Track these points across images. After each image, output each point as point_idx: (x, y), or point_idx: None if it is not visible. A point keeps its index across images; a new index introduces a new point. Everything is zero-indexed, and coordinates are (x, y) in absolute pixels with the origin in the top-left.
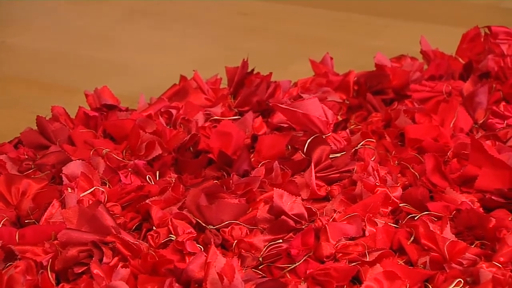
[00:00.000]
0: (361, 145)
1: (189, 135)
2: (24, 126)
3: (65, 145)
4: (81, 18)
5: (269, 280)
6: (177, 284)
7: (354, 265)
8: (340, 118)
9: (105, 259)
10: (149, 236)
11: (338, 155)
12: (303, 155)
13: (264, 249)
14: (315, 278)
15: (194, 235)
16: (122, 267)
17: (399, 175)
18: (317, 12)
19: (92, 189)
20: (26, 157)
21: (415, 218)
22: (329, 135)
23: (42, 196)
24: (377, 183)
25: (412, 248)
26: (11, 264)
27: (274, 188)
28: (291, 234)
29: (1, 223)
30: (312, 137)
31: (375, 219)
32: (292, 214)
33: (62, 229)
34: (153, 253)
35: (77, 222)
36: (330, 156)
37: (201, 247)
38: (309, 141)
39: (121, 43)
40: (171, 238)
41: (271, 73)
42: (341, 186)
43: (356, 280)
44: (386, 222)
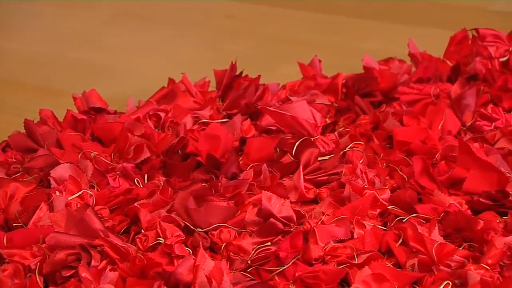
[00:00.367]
0: (350, 148)
1: (178, 138)
2: (12, 129)
3: (53, 148)
4: (69, 21)
5: (258, 283)
6: None
7: (343, 268)
8: (329, 121)
9: (93, 263)
10: (138, 239)
11: (327, 158)
12: (292, 158)
13: (253, 252)
14: (304, 281)
15: (183, 238)
16: (111, 271)
17: (388, 178)
18: (306, 15)
19: (80, 192)
20: (14, 161)
21: (404, 221)
22: (318, 138)
23: (30, 200)
24: (366, 186)
25: (401, 251)
26: None
27: (263, 191)
28: (280, 237)
29: None
30: (301, 140)
31: (364, 222)
32: (281, 217)
33: (50, 233)
34: (142, 256)
35: (65, 226)
36: (319, 159)
37: (190, 250)
38: (298, 144)
39: (110, 46)
40: (160, 241)
41: (260, 76)
42: (330, 189)
43: (345, 283)
44: (375, 225)
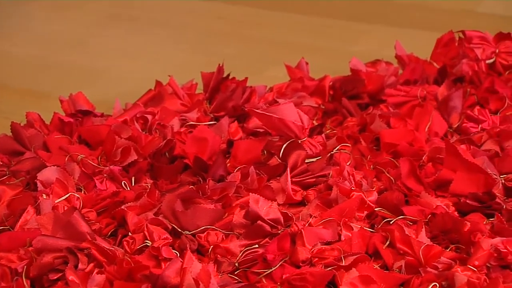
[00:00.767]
0: (337, 150)
1: (165, 141)
2: None
3: (40, 151)
4: (57, 24)
5: (245, 285)
6: None
7: (330, 270)
8: (316, 123)
9: (81, 266)
10: (125, 242)
11: (314, 160)
12: (279, 160)
13: (240, 254)
14: (291, 283)
15: (170, 241)
16: (98, 273)
17: (375, 180)
18: (293, 18)
19: (67, 195)
20: (1, 164)
21: (391, 223)
22: (305, 140)
23: (17, 203)
24: (353, 188)
25: (388, 252)
26: None
27: (250, 193)
28: (267, 239)
29: None
30: (288, 142)
31: (351, 224)
32: (268, 219)
33: (37, 236)
34: (129, 259)
35: (52, 229)
36: (306, 161)
37: (177, 253)
38: (285, 146)
39: (96, 49)
40: (147, 244)
41: (247, 78)
42: (317, 191)
43: (332, 285)
44: (362, 227)
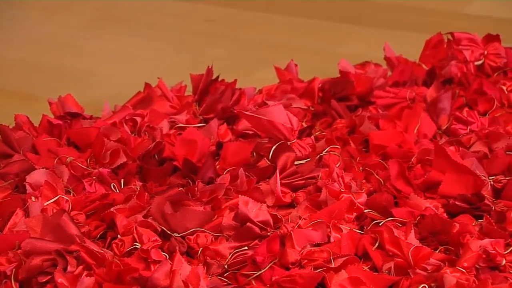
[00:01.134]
0: (326, 152)
1: (154, 143)
2: None
3: (29, 154)
4: (46, 26)
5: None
6: None
7: (319, 272)
8: (305, 125)
9: (70, 268)
10: (114, 245)
11: (303, 162)
12: (268, 162)
13: (230, 257)
14: (281, 285)
15: (159, 243)
16: (87, 276)
17: (364, 181)
18: (282, 19)
19: (56, 198)
20: None
21: (380, 224)
22: (294, 142)
23: (6, 205)
24: (342, 189)
25: (377, 254)
26: None
27: (239, 195)
28: (257, 241)
29: None
30: (277, 144)
31: (340, 225)
32: (258, 221)
33: (26, 238)
34: (118, 262)
35: (41, 231)
36: (295, 163)
37: (166, 255)
38: (274, 148)
39: (85, 51)
40: (136, 246)
41: (236, 80)
42: (306, 193)
43: (321, 287)
44: (351, 228)
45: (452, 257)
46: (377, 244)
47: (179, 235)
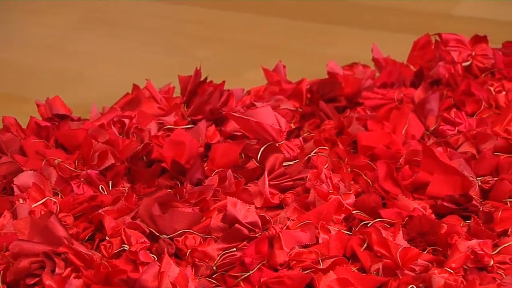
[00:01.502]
0: (314, 153)
1: (142, 144)
2: None
3: (17, 156)
4: (33, 28)
5: None
6: None
7: (308, 273)
8: (293, 126)
9: (58, 270)
10: (102, 246)
11: (291, 163)
12: (257, 163)
13: (218, 258)
14: (269, 286)
15: (148, 245)
16: (75, 278)
17: (352, 182)
18: (270, 21)
19: (44, 200)
20: None
21: (368, 225)
22: (282, 143)
23: None
24: (330, 191)
25: (365, 255)
26: None
27: (228, 197)
28: (245, 243)
29: None
30: (265, 145)
31: (329, 227)
32: (246, 223)
33: (14, 240)
34: (106, 264)
35: (29, 233)
36: (284, 164)
37: (155, 257)
38: (263, 149)
39: (73, 53)
40: (124, 248)
41: (224, 82)
42: (295, 194)
43: None
44: (339, 229)
45: (440, 258)
46: (365, 245)
47: (168, 237)
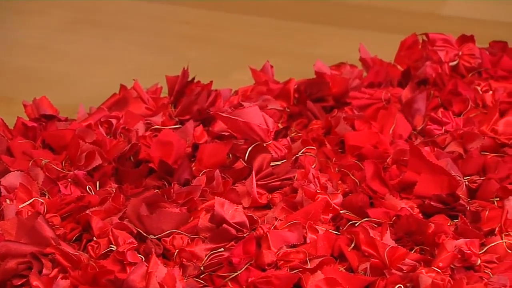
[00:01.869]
0: (302, 153)
1: (130, 145)
2: None
3: (4, 156)
4: (20, 28)
5: None
6: None
7: (296, 273)
8: (281, 126)
9: (45, 271)
10: (90, 247)
11: (279, 163)
12: (244, 163)
13: (206, 258)
14: (257, 286)
15: (135, 245)
16: (62, 279)
17: (340, 182)
18: (257, 21)
19: (31, 200)
20: None
21: (356, 225)
22: (270, 143)
23: None
24: (318, 190)
25: (353, 255)
26: None
27: (215, 197)
28: (233, 243)
29: None
30: (253, 145)
31: (316, 226)
32: (234, 223)
33: (1, 241)
34: (94, 264)
35: (16, 234)
36: (271, 164)
37: (142, 257)
38: (250, 149)
39: (60, 53)
40: (112, 249)
41: (212, 82)
42: (282, 194)
43: None
44: (327, 229)
45: (428, 257)
46: (353, 245)
47: (155, 237)
